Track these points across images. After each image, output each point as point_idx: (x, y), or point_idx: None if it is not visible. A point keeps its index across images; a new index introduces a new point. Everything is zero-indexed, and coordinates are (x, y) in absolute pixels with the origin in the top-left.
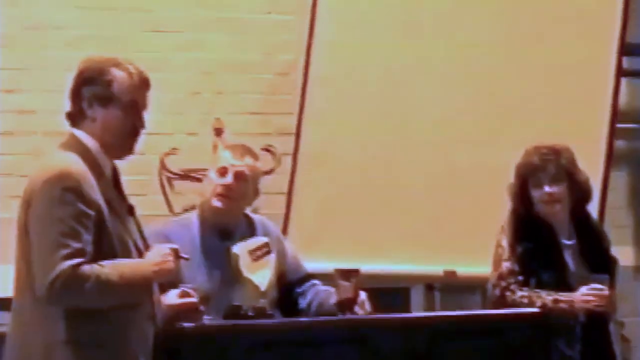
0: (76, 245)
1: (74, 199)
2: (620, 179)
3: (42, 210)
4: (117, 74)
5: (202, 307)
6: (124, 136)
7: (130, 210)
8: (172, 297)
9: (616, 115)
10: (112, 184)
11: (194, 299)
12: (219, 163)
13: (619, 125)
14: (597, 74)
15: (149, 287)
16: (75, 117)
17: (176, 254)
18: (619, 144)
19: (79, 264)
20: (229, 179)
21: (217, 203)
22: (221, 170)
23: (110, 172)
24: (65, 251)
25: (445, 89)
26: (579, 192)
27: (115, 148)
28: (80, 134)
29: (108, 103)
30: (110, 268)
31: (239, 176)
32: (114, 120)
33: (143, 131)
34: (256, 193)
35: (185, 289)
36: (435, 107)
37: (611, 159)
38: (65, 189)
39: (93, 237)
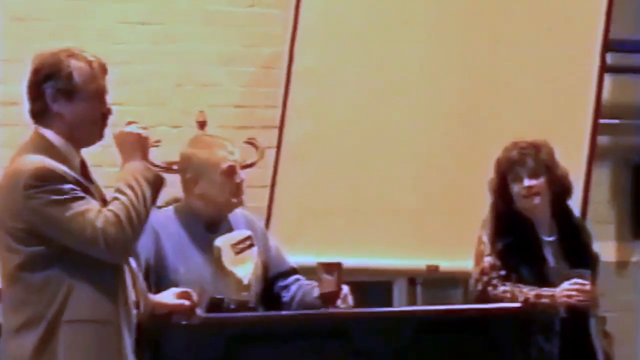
0: (86, 204)
1: (57, 183)
2: (603, 175)
3: (38, 208)
4: (76, 65)
5: (198, 311)
6: (94, 125)
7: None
8: (168, 296)
9: (599, 111)
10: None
11: (188, 303)
12: (222, 163)
13: (602, 121)
14: (581, 70)
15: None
16: (40, 114)
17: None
18: (602, 139)
19: (100, 212)
20: (242, 175)
21: (237, 200)
22: (230, 170)
23: (79, 165)
24: (88, 214)
25: (429, 85)
26: (559, 186)
27: (85, 138)
28: (46, 131)
29: (73, 96)
30: (118, 191)
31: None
32: (82, 112)
33: (111, 116)
34: None
35: (186, 290)
36: (418, 101)
37: (594, 154)
38: (44, 181)
39: None
